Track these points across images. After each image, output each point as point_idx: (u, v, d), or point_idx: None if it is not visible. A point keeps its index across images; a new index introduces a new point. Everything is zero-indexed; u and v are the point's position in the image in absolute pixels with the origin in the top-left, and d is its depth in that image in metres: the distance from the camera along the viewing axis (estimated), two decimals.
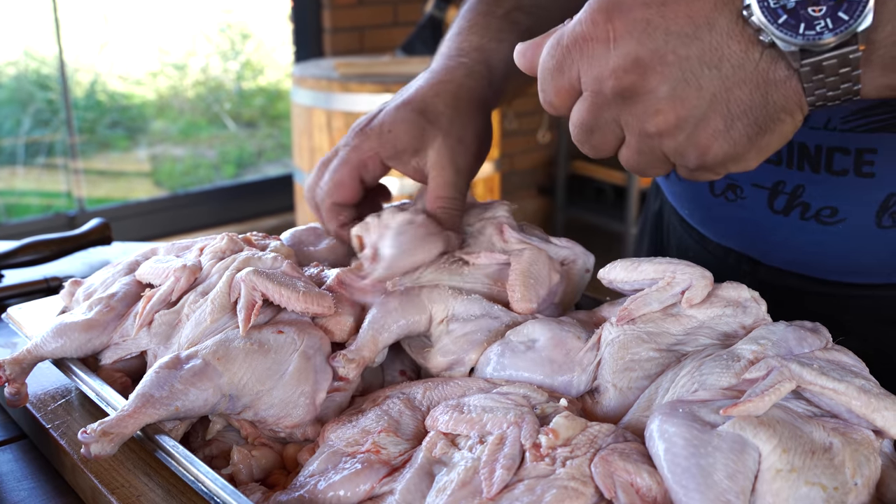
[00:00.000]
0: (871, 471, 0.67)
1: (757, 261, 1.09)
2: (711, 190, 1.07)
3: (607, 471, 0.63)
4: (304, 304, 0.83)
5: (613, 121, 0.70)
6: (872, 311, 1.03)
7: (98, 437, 0.71)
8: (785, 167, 0.98)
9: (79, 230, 1.39)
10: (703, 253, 1.16)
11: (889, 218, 0.94)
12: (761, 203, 1.02)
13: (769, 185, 1.00)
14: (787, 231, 1.01)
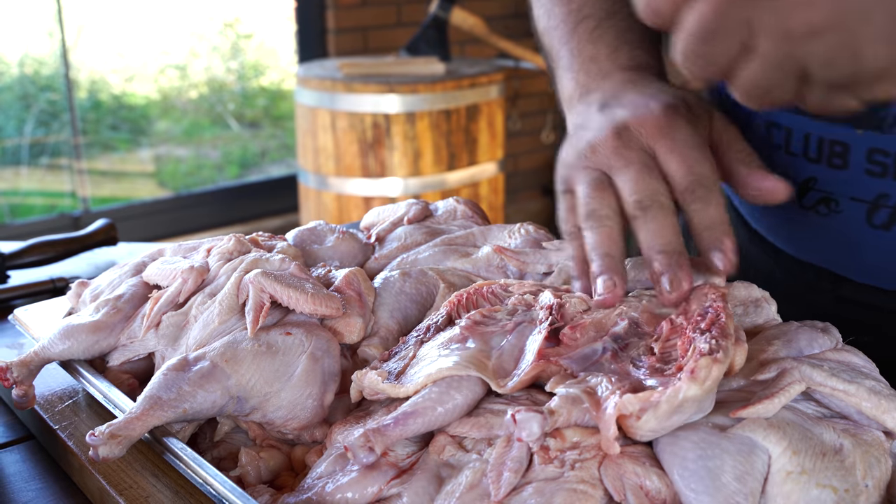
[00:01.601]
0: (882, 472, 0.67)
1: (842, 277, 1.02)
2: (800, 202, 0.98)
3: (616, 473, 0.63)
4: (313, 305, 0.83)
5: (743, 21, 0.59)
6: None
7: (106, 439, 0.71)
8: (890, 179, 0.90)
9: (84, 231, 1.39)
10: (775, 267, 1.09)
11: None
12: (859, 217, 0.94)
13: (870, 198, 0.92)
14: (886, 246, 0.94)
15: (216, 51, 5.24)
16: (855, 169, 0.91)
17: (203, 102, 5.28)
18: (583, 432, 0.66)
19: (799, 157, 0.96)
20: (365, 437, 0.67)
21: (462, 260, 0.98)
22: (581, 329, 0.75)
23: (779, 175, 0.84)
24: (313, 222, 1.08)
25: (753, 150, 0.84)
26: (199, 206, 4.65)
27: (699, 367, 0.63)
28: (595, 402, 0.66)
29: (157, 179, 5.02)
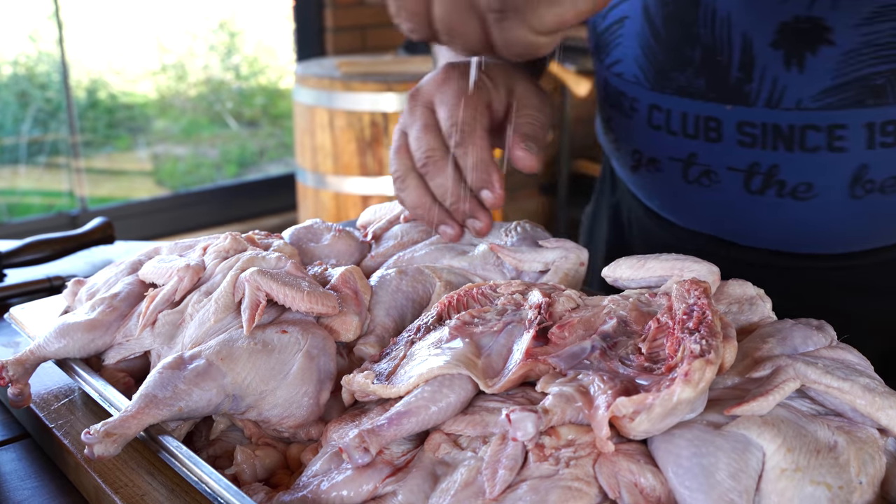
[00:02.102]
0: (876, 469, 0.67)
1: (730, 242, 1.13)
2: (685, 177, 1.09)
3: (611, 471, 0.63)
4: (309, 303, 0.83)
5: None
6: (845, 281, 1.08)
7: (101, 437, 0.71)
8: (759, 148, 1.01)
9: (81, 229, 1.38)
10: (672, 239, 1.20)
11: (861, 188, 0.99)
12: (737, 185, 1.05)
13: (744, 167, 1.03)
14: (764, 210, 1.05)
15: (214, 49, 5.24)
16: (728, 141, 1.03)
17: (201, 101, 5.28)
18: (577, 430, 0.66)
19: (679, 135, 1.06)
20: (360, 438, 0.67)
21: (458, 258, 0.98)
22: (569, 328, 0.75)
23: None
24: (310, 220, 1.08)
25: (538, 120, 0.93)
26: (196, 204, 4.65)
27: (693, 370, 0.63)
28: (588, 401, 0.66)
29: (155, 178, 5.02)
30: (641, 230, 1.27)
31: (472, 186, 0.90)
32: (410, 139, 0.93)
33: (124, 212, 4.38)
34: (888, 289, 1.09)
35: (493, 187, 0.89)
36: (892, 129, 0.96)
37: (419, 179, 0.92)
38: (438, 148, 0.90)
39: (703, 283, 0.74)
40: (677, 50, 1.04)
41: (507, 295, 0.83)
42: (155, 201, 4.57)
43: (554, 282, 0.93)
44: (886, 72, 0.94)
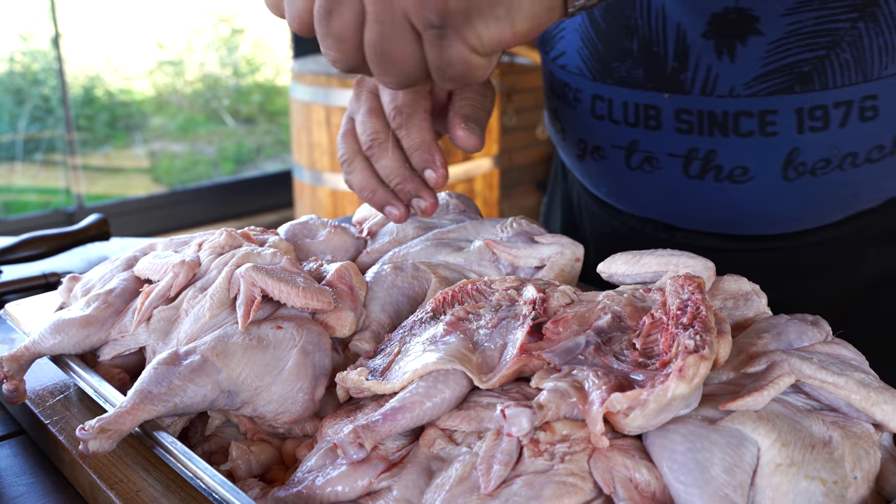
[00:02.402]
0: (871, 464, 0.67)
1: (674, 226, 1.17)
2: (627, 164, 1.12)
3: (606, 466, 0.63)
4: (304, 299, 0.83)
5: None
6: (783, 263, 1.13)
7: (96, 433, 0.71)
8: (696, 134, 1.05)
9: (77, 226, 1.38)
10: (620, 226, 1.24)
11: (793, 171, 1.03)
12: (677, 171, 1.08)
13: (683, 152, 1.07)
14: (703, 194, 1.09)
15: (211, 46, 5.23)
16: (667, 128, 1.06)
17: (198, 98, 5.28)
18: (572, 425, 0.66)
19: (621, 123, 1.10)
20: (354, 434, 0.67)
21: (454, 254, 0.98)
22: (564, 323, 0.75)
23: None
24: (305, 216, 1.08)
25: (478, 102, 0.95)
26: (193, 201, 4.64)
27: (687, 366, 0.63)
28: (583, 397, 0.66)
29: (151, 175, 5.02)
30: (592, 217, 1.30)
31: (415, 167, 0.92)
32: (356, 124, 0.95)
33: (121, 209, 4.38)
34: (822, 269, 1.13)
35: (435, 167, 0.91)
36: (820, 115, 1.00)
37: (365, 162, 0.94)
38: (382, 131, 0.92)
39: (697, 278, 0.74)
40: (616, 42, 1.08)
41: (502, 290, 0.83)
42: (151, 198, 4.57)
43: (549, 278, 0.93)
44: (812, 59, 0.98)
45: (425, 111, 0.93)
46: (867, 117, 1.00)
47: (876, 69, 0.98)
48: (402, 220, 0.94)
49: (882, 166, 1.03)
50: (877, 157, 1.02)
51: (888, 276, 1.12)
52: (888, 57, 0.97)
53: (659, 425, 0.64)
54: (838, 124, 1.00)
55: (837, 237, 1.11)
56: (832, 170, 1.03)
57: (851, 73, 0.98)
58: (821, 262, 1.13)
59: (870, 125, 1.00)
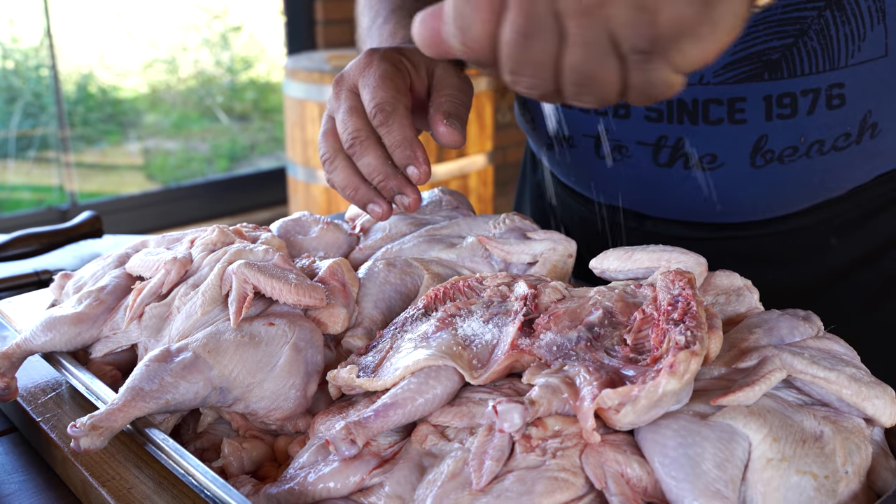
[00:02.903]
0: (862, 459, 0.67)
1: (644, 215, 1.19)
2: (597, 153, 1.13)
3: (597, 461, 0.63)
4: (296, 296, 0.83)
5: (549, 11, 0.61)
6: (752, 251, 1.14)
7: (87, 430, 0.71)
8: (666, 122, 1.06)
9: (69, 223, 1.38)
10: (591, 215, 1.25)
11: (761, 158, 1.05)
12: (646, 159, 1.10)
13: (653, 140, 1.08)
14: (673, 182, 1.10)
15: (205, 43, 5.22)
16: (636, 117, 1.07)
17: (192, 95, 5.27)
18: (564, 421, 0.66)
19: (590, 112, 1.11)
20: (346, 430, 0.67)
21: (447, 250, 0.98)
22: (555, 319, 0.75)
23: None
24: (298, 213, 1.07)
25: (458, 98, 0.95)
26: (187, 199, 4.64)
27: (678, 362, 0.63)
28: (574, 392, 0.66)
29: (145, 173, 5.01)
30: (562, 207, 1.32)
31: (398, 164, 0.92)
32: (337, 122, 0.95)
33: (114, 206, 4.37)
34: (789, 258, 1.15)
35: (418, 163, 0.91)
36: (788, 102, 1.01)
37: (347, 161, 0.94)
38: (363, 129, 0.92)
39: (688, 273, 0.74)
40: None
41: (493, 287, 0.83)
42: (145, 196, 4.56)
43: (542, 273, 0.93)
44: (780, 47, 0.99)
45: (406, 108, 0.93)
46: (834, 105, 1.01)
47: (843, 57, 0.99)
48: (384, 218, 0.95)
49: (848, 154, 1.04)
50: (843, 144, 1.03)
51: (852, 264, 1.13)
52: (854, 45, 0.98)
53: (650, 421, 0.64)
54: (806, 112, 1.01)
55: (804, 226, 1.12)
56: (799, 157, 1.04)
57: (819, 61, 0.99)
58: (787, 251, 1.14)
59: (836, 113, 1.01)
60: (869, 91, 1.01)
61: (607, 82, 0.64)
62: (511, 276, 0.85)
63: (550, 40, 0.63)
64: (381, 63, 0.95)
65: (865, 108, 1.01)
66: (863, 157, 1.06)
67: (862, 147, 1.04)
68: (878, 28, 0.98)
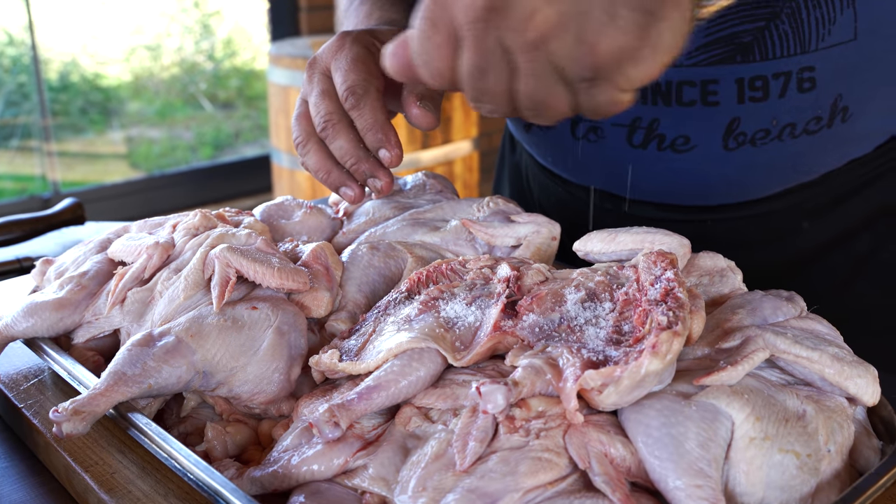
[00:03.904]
0: (845, 437, 0.68)
1: (620, 196, 1.19)
2: (573, 134, 1.14)
3: (581, 441, 0.63)
4: (279, 279, 0.83)
5: (499, 47, 0.66)
6: (727, 234, 1.15)
7: (69, 415, 0.70)
8: (640, 104, 1.07)
9: (51, 210, 1.37)
10: (568, 196, 1.26)
11: (733, 140, 1.06)
12: (621, 140, 1.11)
13: (627, 122, 1.09)
14: (646, 163, 1.11)
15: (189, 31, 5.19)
16: None
17: (175, 83, 5.24)
18: (548, 402, 0.66)
19: None
20: (330, 413, 0.67)
21: (431, 234, 0.98)
22: (538, 300, 0.75)
23: None
24: (281, 197, 1.07)
25: None
26: (171, 187, 4.62)
27: (660, 342, 0.63)
28: (557, 373, 0.66)
29: (129, 161, 4.98)
30: (540, 188, 1.32)
31: (370, 147, 0.93)
32: (310, 106, 0.95)
33: (97, 194, 4.35)
34: (761, 242, 1.15)
35: (389, 146, 0.91)
36: (760, 85, 1.02)
37: (320, 144, 0.94)
38: (336, 112, 0.92)
39: (670, 254, 0.74)
40: None
41: (476, 269, 0.83)
42: (129, 184, 4.54)
43: (526, 256, 0.93)
44: (752, 30, 0.99)
45: (378, 91, 0.93)
46: (805, 88, 1.01)
47: (813, 41, 0.99)
48: (357, 201, 0.95)
49: (819, 138, 1.05)
50: (814, 128, 1.04)
51: (823, 248, 1.14)
52: (824, 29, 0.99)
53: (633, 401, 0.64)
54: (778, 95, 1.02)
55: (776, 210, 1.13)
56: (771, 140, 1.05)
57: (790, 45, 1.00)
58: (760, 234, 1.14)
59: (807, 96, 1.02)
60: (839, 75, 1.01)
61: (558, 106, 0.69)
62: (494, 258, 0.85)
63: (503, 72, 0.68)
64: (353, 46, 0.95)
65: (836, 91, 1.02)
66: (834, 141, 1.06)
67: (833, 131, 1.05)
68: (848, 12, 0.98)
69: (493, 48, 0.66)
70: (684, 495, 0.60)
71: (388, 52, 0.75)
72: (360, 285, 0.90)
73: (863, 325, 0.80)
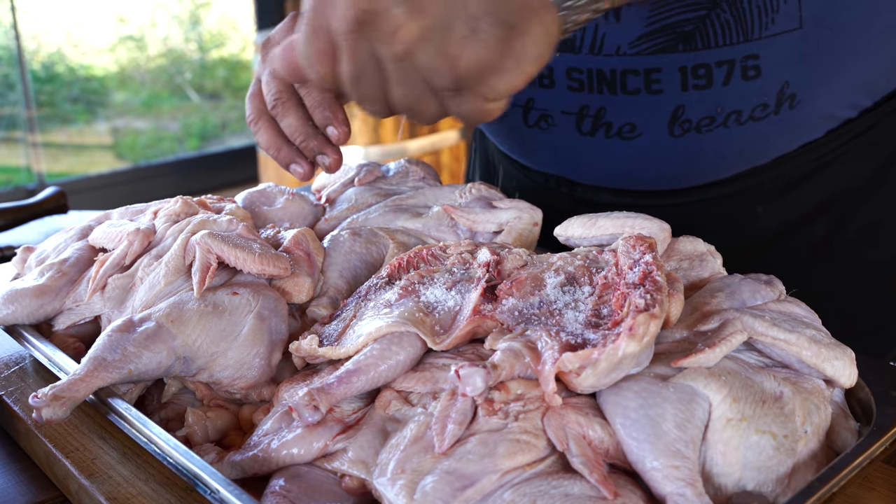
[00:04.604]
0: (822, 419, 0.68)
1: (574, 182, 1.21)
2: (525, 122, 1.15)
3: (559, 423, 0.63)
4: (260, 265, 0.83)
5: (371, 57, 0.71)
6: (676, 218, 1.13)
7: (49, 401, 0.70)
8: (587, 92, 1.08)
9: (33, 199, 1.37)
10: (527, 181, 1.28)
11: (679, 127, 1.06)
12: (570, 128, 1.12)
13: (575, 110, 1.10)
14: (596, 150, 1.12)
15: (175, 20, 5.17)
16: (560, 86, 1.09)
17: (161, 74, 5.21)
18: (527, 384, 0.66)
19: None
20: (309, 396, 0.67)
21: (413, 220, 0.98)
22: (517, 284, 0.75)
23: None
24: (263, 184, 1.07)
25: None
26: (157, 177, 4.60)
27: (637, 324, 0.63)
28: (536, 356, 0.66)
29: (115, 152, 4.96)
30: (504, 174, 1.34)
31: (318, 124, 0.93)
32: (262, 84, 0.96)
33: (82, 185, 4.33)
34: (717, 226, 1.15)
35: (336, 123, 0.92)
36: (703, 73, 1.03)
37: (271, 122, 0.95)
38: (286, 90, 0.93)
39: (649, 238, 0.74)
40: None
41: (457, 254, 0.83)
42: (114, 174, 4.52)
43: (508, 242, 0.93)
44: (693, 19, 1.00)
45: None
46: (750, 76, 1.02)
47: (756, 29, 0.99)
48: (307, 178, 0.95)
49: (767, 125, 1.05)
50: (761, 115, 1.04)
51: (779, 233, 1.15)
52: (768, 17, 0.99)
53: (611, 384, 0.65)
54: (721, 83, 1.03)
55: (728, 194, 1.14)
56: (717, 127, 1.06)
57: (732, 33, 1.00)
58: (715, 219, 1.15)
59: (752, 84, 1.02)
60: (785, 63, 1.01)
61: (430, 112, 0.74)
62: (474, 243, 0.85)
63: (376, 80, 0.72)
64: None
65: (782, 79, 1.02)
66: (783, 127, 1.07)
67: (781, 118, 1.05)
68: (792, 1, 0.98)
69: (367, 57, 0.71)
70: (661, 476, 0.60)
71: (277, 54, 0.79)
72: (341, 271, 0.90)
73: (821, 310, 0.81)
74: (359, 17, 0.68)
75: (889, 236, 1.14)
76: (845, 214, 1.12)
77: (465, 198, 1.00)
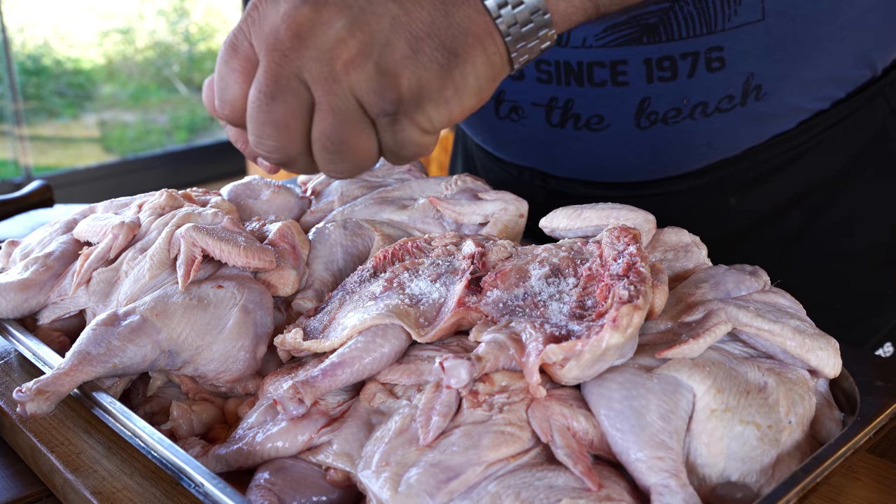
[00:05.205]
0: (806, 409, 0.68)
1: (547, 174, 1.22)
2: (497, 113, 1.16)
3: (544, 415, 0.64)
4: (246, 258, 0.83)
5: (296, 77, 0.66)
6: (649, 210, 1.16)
7: (33, 395, 0.70)
8: (555, 84, 1.08)
9: (19, 192, 1.36)
10: (503, 173, 1.29)
11: (645, 119, 1.07)
12: (540, 119, 1.12)
13: (545, 102, 1.11)
14: (565, 142, 1.13)
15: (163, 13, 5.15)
16: (529, 79, 1.10)
17: (149, 66, 5.19)
18: (511, 376, 0.66)
19: None
20: (294, 389, 0.67)
21: (398, 212, 0.98)
22: (502, 276, 0.75)
23: None
24: (248, 177, 1.07)
25: None
26: (145, 170, 4.59)
27: (621, 316, 0.63)
28: (520, 348, 0.66)
29: (103, 145, 4.94)
30: (482, 166, 1.35)
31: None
32: None
33: (70, 178, 4.31)
34: (689, 218, 1.14)
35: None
36: (668, 65, 1.03)
37: None
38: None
39: (633, 229, 0.74)
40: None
41: (441, 246, 0.83)
42: (101, 168, 4.50)
43: (493, 234, 0.93)
44: (657, 11, 1.00)
45: None
46: (714, 68, 1.02)
47: (719, 21, 1.00)
48: (273, 172, 0.94)
49: (734, 116, 1.06)
50: (727, 107, 1.05)
51: (753, 224, 1.15)
52: (730, 10, 0.99)
53: (595, 375, 0.65)
54: (686, 75, 1.03)
55: (699, 186, 1.14)
56: (683, 119, 1.06)
57: (696, 25, 1.00)
58: (688, 210, 1.16)
59: (717, 76, 1.03)
60: (749, 54, 1.02)
61: (361, 145, 0.68)
62: (459, 235, 0.85)
63: (294, 103, 0.66)
64: None
65: (747, 71, 1.03)
66: (751, 119, 1.07)
67: (748, 109, 1.05)
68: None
69: (289, 75, 0.65)
70: (646, 467, 0.60)
71: (205, 85, 0.75)
72: (326, 264, 0.90)
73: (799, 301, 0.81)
74: (295, 30, 0.64)
75: (864, 227, 1.15)
76: (820, 205, 1.13)
77: (451, 189, 1.00)
